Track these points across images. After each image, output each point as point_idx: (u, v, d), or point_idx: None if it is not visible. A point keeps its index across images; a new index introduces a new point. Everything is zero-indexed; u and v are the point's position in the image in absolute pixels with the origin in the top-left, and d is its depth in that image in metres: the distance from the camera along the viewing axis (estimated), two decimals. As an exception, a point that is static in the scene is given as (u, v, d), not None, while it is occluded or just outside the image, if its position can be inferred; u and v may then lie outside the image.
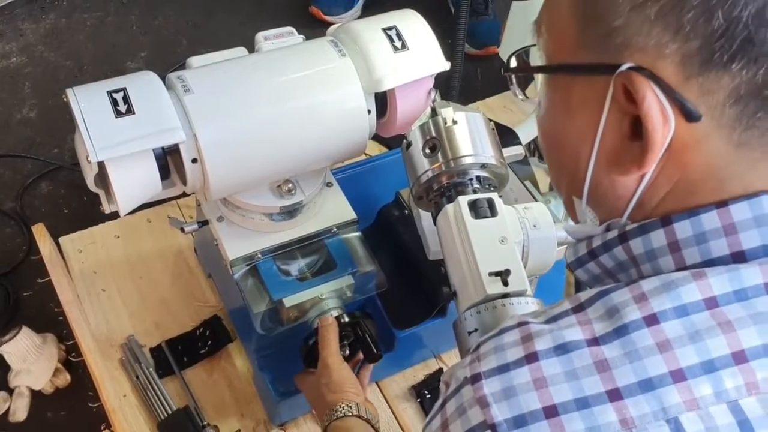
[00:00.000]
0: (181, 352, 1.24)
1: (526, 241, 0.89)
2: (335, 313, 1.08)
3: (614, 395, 0.44)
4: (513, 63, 0.65)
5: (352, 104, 1.01)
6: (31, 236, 1.45)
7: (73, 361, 1.25)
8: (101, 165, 0.88)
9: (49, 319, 1.36)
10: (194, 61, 1.04)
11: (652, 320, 0.46)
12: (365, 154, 1.15)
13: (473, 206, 0.85)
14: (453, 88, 1.48)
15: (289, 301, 1.07)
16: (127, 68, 1.91)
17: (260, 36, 1.08)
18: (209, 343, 1.26)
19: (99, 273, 1.32)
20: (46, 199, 1.62)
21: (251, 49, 1.07)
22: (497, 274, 0.80)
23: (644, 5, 0.45)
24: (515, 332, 0.49)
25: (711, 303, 0.46)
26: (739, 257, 0.47)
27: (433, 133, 0.91)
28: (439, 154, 0.90)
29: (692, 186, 0.49)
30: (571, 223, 0.61)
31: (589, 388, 0.45)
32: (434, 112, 0.93)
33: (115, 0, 2.09)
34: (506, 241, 0.83)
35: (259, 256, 1.09)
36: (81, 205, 1.59)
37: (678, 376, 0.44)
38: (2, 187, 1.63)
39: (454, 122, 0.91)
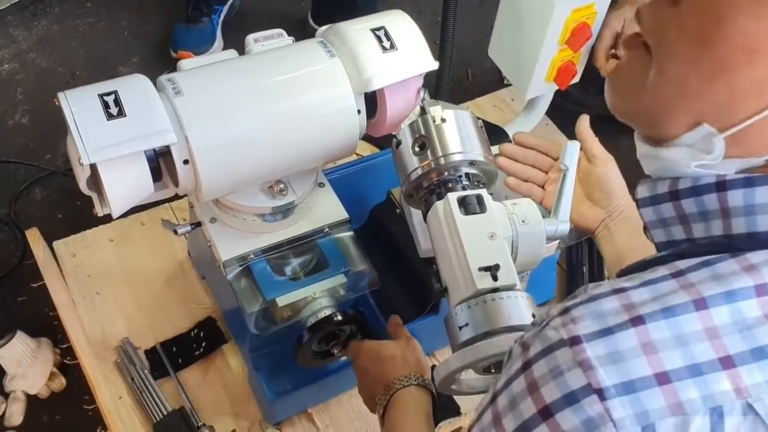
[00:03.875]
0: (175, 354, 1.24)
1: (515, 237, 0.90)
2: (328, 312, 1.09)
3: (727, 363, 0.43)
4: None
5: (341, 104, 1.02)
6: (24, 241, 1.46)
7: (68, 364, 1.26)
8: (93, 167, 0.89)
9: (44, 323, 1.36)
10: (185, 63, 1.04)
11: (762, 290, 0.44)
12: (356, 154, 1.16)
13: (462, 203, 0.86)
14: (442, 87, 1.49)
15: (282, 300, 1.08)
16: (119, 73, 1.91)
17: (250, 38, 1.09)
18: (204, 344, 1.26)
19: (93, 276, 1.32)
20: (40, 205, 1.63)
21: (241, 51, 1.08)
22: (487, 269, 0.80)
23: None
24: (613, 299, 0.46)
25: (761, 290, 0.45)
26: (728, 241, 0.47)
27: (423, 132, 0.92)
28: (429, 152, 0.91)
29: None
30: (675, 150, 0.52)
31: (701, 354, 0.43)
32: (423, 111, 0.94)
33: (107, 6, 2.09)
34: (495, 236, 0.84)
35: (252, 256, 1.10)
36: (74, 210, 1.60)
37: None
38: (-4, 193, 1.64)
39: (443, 120, 0.92)
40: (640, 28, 0.53)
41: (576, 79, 1.39)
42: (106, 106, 0.90)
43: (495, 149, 0.99)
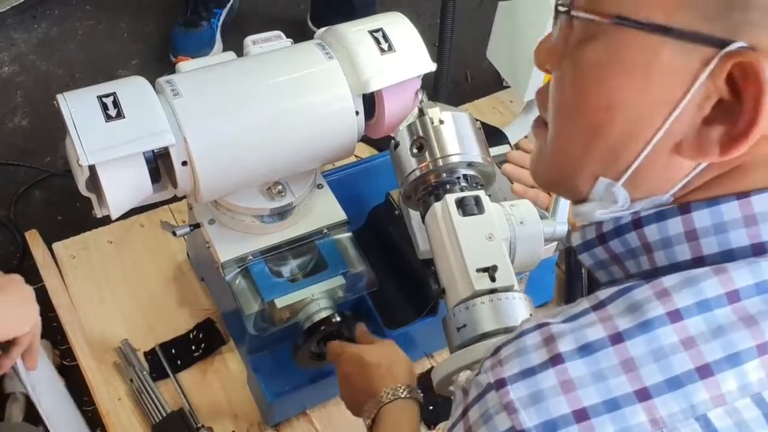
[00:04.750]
0: (174, 356, 1.25)
1: (513, 238, 0.90)
2: (326, 314, 1.09)
3: (643, 395, 0.44)
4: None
5: (340, 106, 1.02)
6: (24, 243, 1.46)
7: (67, 366, 1.26)
8: (92, 169, 0.89)
9: (43, 324, 1.35)
10: (183, 65, 1.05)
11: (675, 316, 0.45)
12: (355, 156, 1.16)
13: (460, 204, 0.86)
14: (441, 89, 1.49)
15: (281, 302, 1.08)
16: (118, 76, 1.92)
17: (248, 40, 1.09)
18: (203, 345, 1.26)
19: (92, 278, 1.32)
20: (39, 207, 1.63)
21: (240, 54, 1.09)
22: (484, 270, 0.81)
23: None
24: (536, 334, 0.48)
25: (733, 297, 0.45)
26: (759, 249, 0.47)
27: (421, 133, 0.92)
28: (427, 154, 0.91)
29: (747, 173, 0.48)
30: (588, 205, 0.55)
31: (617, 388, 0.44)
32: (421, 113, 0.94)
33: (106, 9, 2.10)
34: (493, 237, 0.84)
35: (251, 257, 1.10)
36: (74, 212, 1.60)
37: (704, 371, 0.44)
38: (-5, 196, 1.64)
39: (441, 122, 0.92)
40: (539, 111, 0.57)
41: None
42: (104, 107, 0.90)
43: (494, 151, 1.00)
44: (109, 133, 0.88)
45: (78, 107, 0.89)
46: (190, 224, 1.15)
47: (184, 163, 0.94)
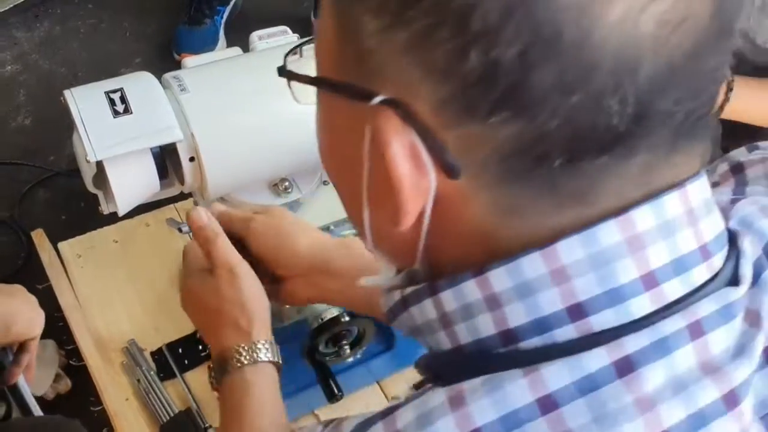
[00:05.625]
0: (181, 355, 1.23)
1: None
2: (335, 312, 1.08)
3: None
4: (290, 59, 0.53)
5: (348, 101, 1.01)
6: (29, 243, 1.45)
7: (74, 365, 1.25)
8: (100, 165, 0.89)
9: (49, 324, 1.34)
10: (189, 61, 1.04)
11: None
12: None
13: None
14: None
15: (290, 299, 1.07)
16: (121, 75, 1.90)
17: (254, 35, 1.09)
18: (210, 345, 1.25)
19: (98, 278, 1.31)
20: (44, 207, 1.62)
21: (245, 50, 1.08)
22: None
23: (392, 30, 0.35)
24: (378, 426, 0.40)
25: (547, 405, 0.37)
26: (507, 337, 0.39)
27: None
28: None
29: (469, 247, 0.39)
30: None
31: None
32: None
33: (108, 8, 2.09)
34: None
35: (258, 255, 1.09)
36: (79, 211, 1.59)
37: None
38: (-1, 196, 1.63)
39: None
40: None
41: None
42: (112, 103, 0.89)
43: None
44: (116, 129, 0.88)
45: (85, 103, 0.89)
46: (196, 222, 1.14)
47: (192, 159, 0.94)
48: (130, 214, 1.41)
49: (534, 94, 0.33)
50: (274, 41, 1.07)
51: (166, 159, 0.95)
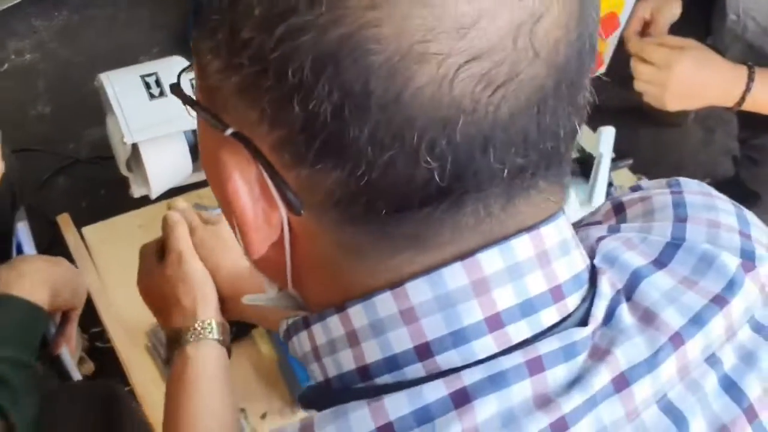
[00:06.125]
0: (205, 338, 1.25)
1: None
2: None
3: None
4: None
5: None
6: (51, 229, 1.46)
7: (99, 347, 1.26)
8: (134, 148, 0.90)
9: (73, 309, 1.37)
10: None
11: None
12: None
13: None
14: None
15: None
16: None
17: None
18: (234, 329, 1.26)
19: (122, 262, 1.32)
20: (64, 194, 1.64)
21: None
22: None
23: (227, 72, 0.36)
24: None
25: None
26: (364, 373, 0.39)
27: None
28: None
29: (328, 282, 0.40)
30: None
31: None
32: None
33: (125, -4, 2.11)
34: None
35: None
36: (99, 198, 1.61)
37: None
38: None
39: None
40: None
41: (602, 70, 1.39)
42: (147, 86, 0.91)
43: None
44: (152, 112, 0.89)
45: (122, 86, 0.90)
46: (223, 207, 1.16)
47: (224, 143, 0.95)
48: (153, 200, 1.43)
49: (351, 147, 0.34)
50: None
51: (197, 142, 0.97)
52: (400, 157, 0.34)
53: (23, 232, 1.17)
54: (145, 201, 1.43)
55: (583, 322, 0.40)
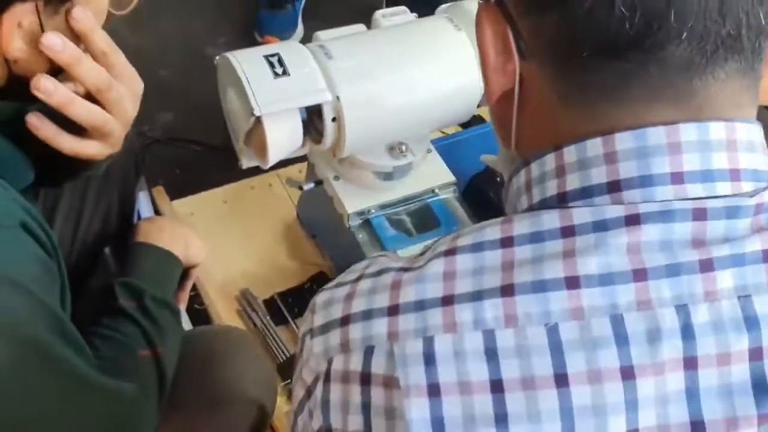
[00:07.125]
0: (291, 304, 1.35)
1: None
2: None
3: (393, 311, 0.50)
4: None
5: (467, 75, 1.12)
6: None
7: (198, 308, 1.36)
8: (257, 121, 1.00)
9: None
10: (321, 35, 1.15)
11: (450, 252, 0.50)
12: (441, 132, 1.27)
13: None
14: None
15: (402, 253, 1.18)
16: (206, 53, 2.01)
17: (378, 14, 1.20)
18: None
19: (210, 233, 1.42)
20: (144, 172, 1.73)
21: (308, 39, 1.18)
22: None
23: None
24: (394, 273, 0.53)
25: (507, 242, 0.49)
26: (562, 198, 0.50)
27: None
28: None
29: (543, 128, 0.52)
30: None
31: (379, 302, 0.52)
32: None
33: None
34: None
35: (372, 210, 1.21)
36: (174, 179, 1.70)
37: (447, 301, 0.48)
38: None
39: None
40: None
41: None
42: (271, 65, 1.00)
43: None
44: (277, 88, 0.99)
45: (248, 64, 1.00)
46: (314, 180, 1.26)
47: (334, 119, 1.05)
48: (234, 178, 1.53)
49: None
50: (397, 19, 1.18)
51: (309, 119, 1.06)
52: (600, 3, 0.45)
53: (144, 200, 1.28)
54: (228, 178, 1.52)
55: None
